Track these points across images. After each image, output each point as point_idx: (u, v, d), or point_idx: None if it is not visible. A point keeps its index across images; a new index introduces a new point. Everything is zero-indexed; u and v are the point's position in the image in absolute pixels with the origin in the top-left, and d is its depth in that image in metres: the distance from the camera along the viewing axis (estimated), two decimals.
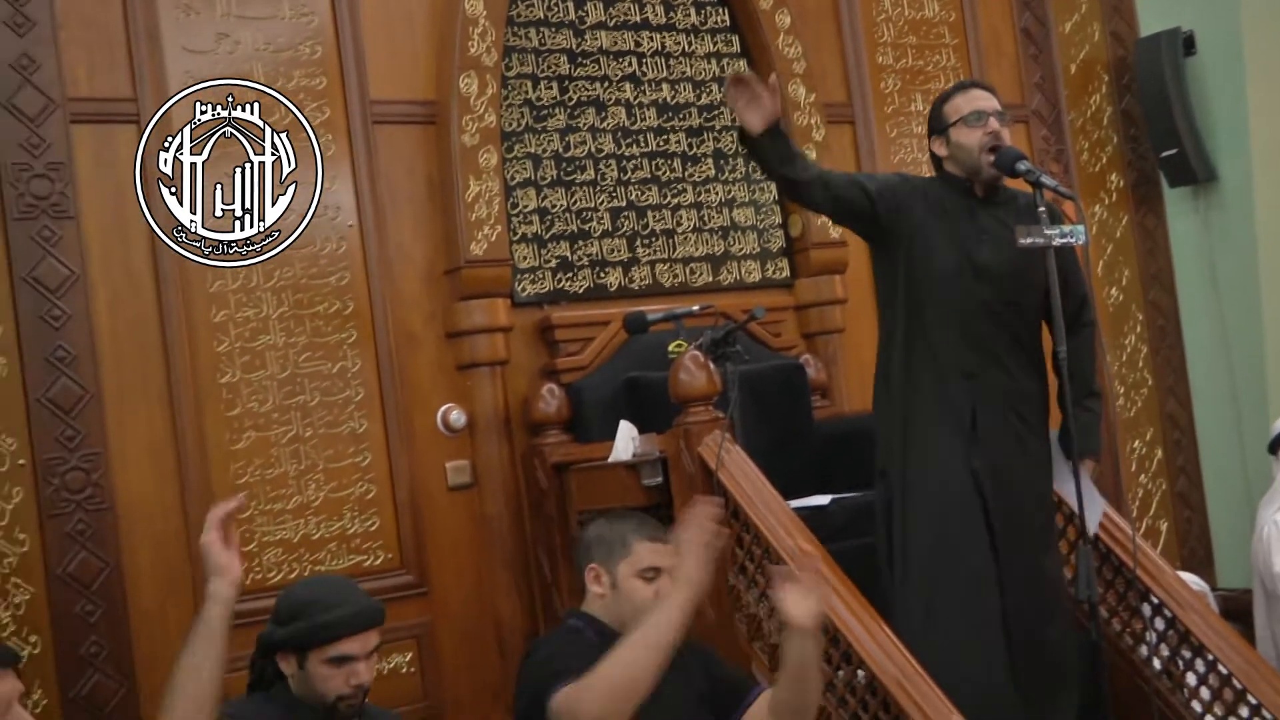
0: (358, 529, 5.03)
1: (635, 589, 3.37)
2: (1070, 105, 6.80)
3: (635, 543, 3.42)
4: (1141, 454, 6.77)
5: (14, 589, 4.46)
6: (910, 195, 4.11)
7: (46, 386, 4.54)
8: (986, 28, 6.64)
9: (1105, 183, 6.86)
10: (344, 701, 3.12)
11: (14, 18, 4.56)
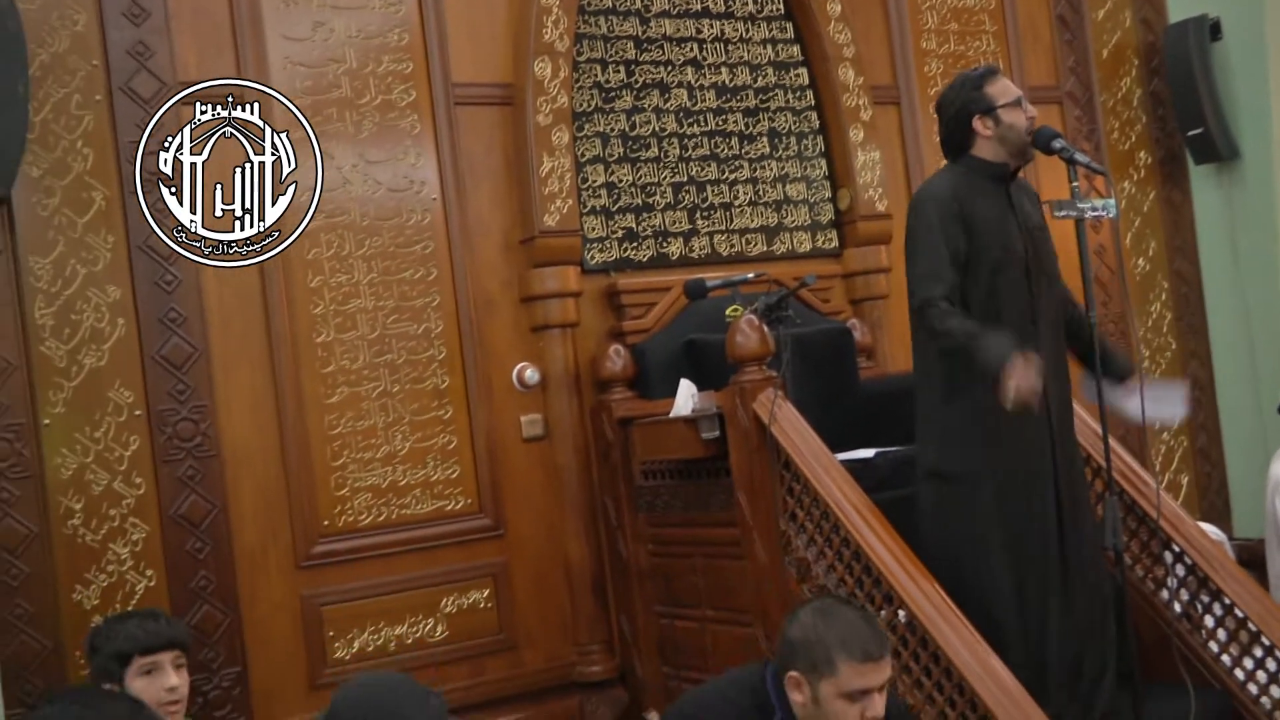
0: (440, 476, 5.07)
1: (839, 711, 2.97)
2: (1102, 88, 6.73)
3: (841, 664, 2.96)
4: None
5: (132, 528, 4.54)
6: (963, 205, 3.99)
7: (160, 345, 4.61)
8: (1024, 15, 6.58)
9: (1134, 160, 6.81)
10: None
11: (131, 8, 4.62)
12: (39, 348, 4.47)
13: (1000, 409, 3.76)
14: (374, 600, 4.82)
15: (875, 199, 5.88)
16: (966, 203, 3.99)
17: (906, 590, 3.80)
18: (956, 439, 4.03)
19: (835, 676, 2.96)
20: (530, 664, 5.05)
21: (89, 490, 4.51)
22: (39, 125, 4.47)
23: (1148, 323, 6.76)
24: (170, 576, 4.59)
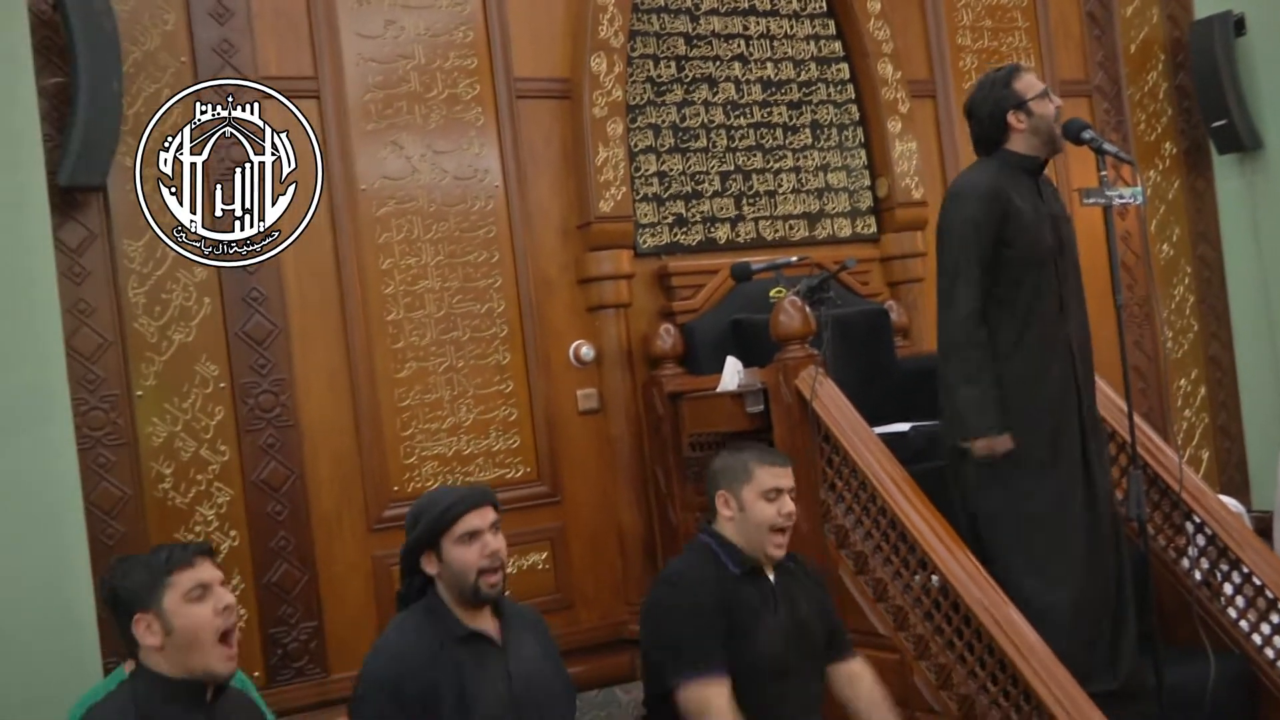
0: (501, 446, 5.11)
1: (759, 509, 3.35)
2: (1129, 81, 6.68)
3: (756, 469, 3.39)
4: (1187, 391, 6.71)
5: (217, 491, 4.60)
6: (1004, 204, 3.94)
7: (243, 322, 4.67)
8: (1055, 12, 6.53)
9: (1160, 150, 6.76)
10: (484, 577, 3.00)
11: (216, 8, 4.67)
12: (132, 324, 4.52)
13: (1027, 386, 3.87)
14: None
15: (912, 187, 5.88)
16: (1006, 198, 3.96)
17: (939, 556, 3.82)
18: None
19: (752, 480, 3.37)
20: (585, 622, 5.08)
21: (178, 456, 4.57)
22: (132, 118, 4.50)
23: (1171, 305, 6.72)
24: (252, 537, 4.65)
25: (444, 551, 3.01)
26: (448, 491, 3.18)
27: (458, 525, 3.00)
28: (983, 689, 3.69)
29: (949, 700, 3.78)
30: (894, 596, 3.99)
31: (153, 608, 2.58)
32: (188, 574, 2.61)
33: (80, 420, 4.28)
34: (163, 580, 2.60)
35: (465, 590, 3.01)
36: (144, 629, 2.58)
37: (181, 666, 2.59)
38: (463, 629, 3.01)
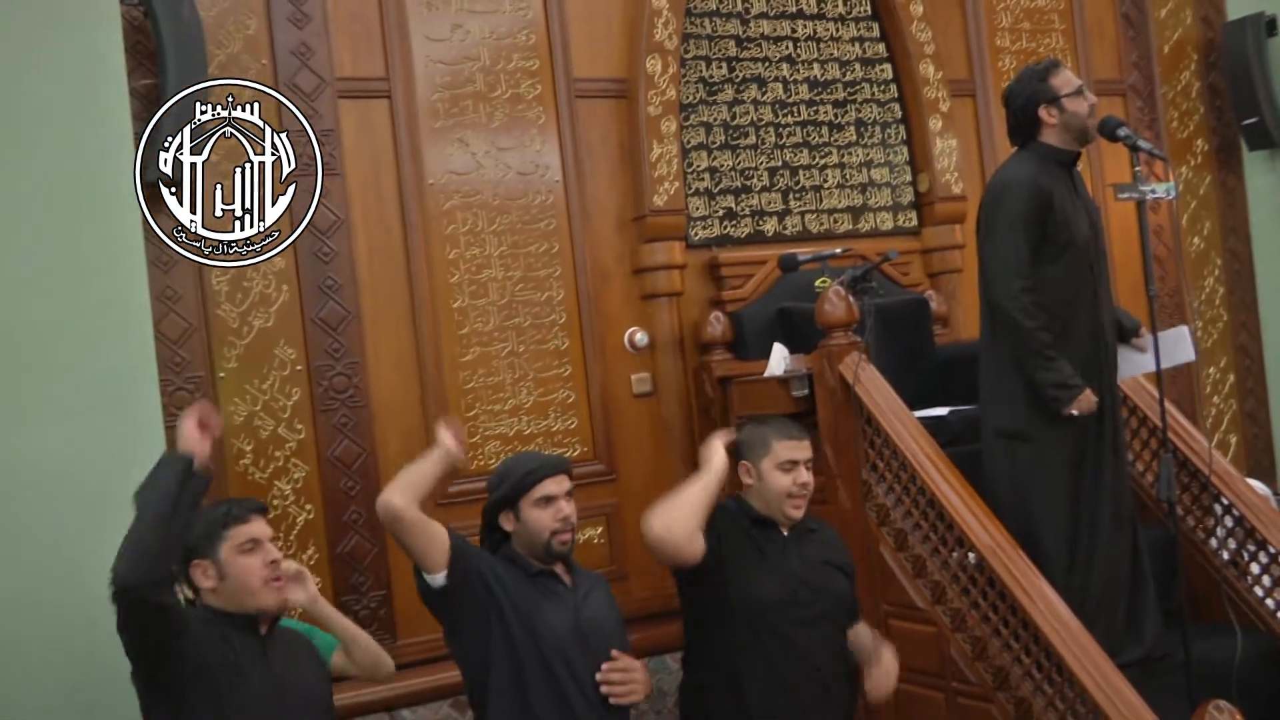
0: (560, 426, 5.13)
1: (775, 479, 3.41)
2: (1163, 80, 6.61)
3: (774, 442, 3.44)
4: (1216, 378, 6.65)
5: (293, 468, 4.65)
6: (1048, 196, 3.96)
7: (318, 308, 4.70)
8: (1091, 13, 6.47)
9: (1191, 147, 6.68)
10: (556, 537, 3.16)
11: (294, 14, 4.70)
12: (215, 311, 4.57)
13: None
14: None
15: (952, 182, 5.86)
16: (1048, 190, 3.97)
17: (976, 534, 3.83)
18: (1027, 401, 4.02)
19: (770, 453, 3.43)
20: (638, 593, 5.08)
21: (257, 435, 4.62)
22: None
23: (1201, 296, 6.66)
24: (326, 511, 4.69)
25: (521, 512, 3.18)
26: (530, 457, 3.35)
27: (536, 489, 3.16)
28: (1016, 660, 3.69)
29: (984, 671, 3.79)
30: (932, 572, 4.00)
31: (209, 556, 2.83)
32: (242, 529, 2.85)
33: (167, 400, 4.30)
34: (220, 533, 2.84)
35: (538, 548, 3.18)
36: (200, 574, 2.84)
37: (234, 605, 2.84)
38: (535, 567, 3.19)
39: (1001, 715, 3.71)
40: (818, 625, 3.40)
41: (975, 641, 3.81)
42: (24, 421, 3.79)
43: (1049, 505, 4.02)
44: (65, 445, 3.79)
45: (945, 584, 3.95)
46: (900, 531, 4.10)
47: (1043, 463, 4.03)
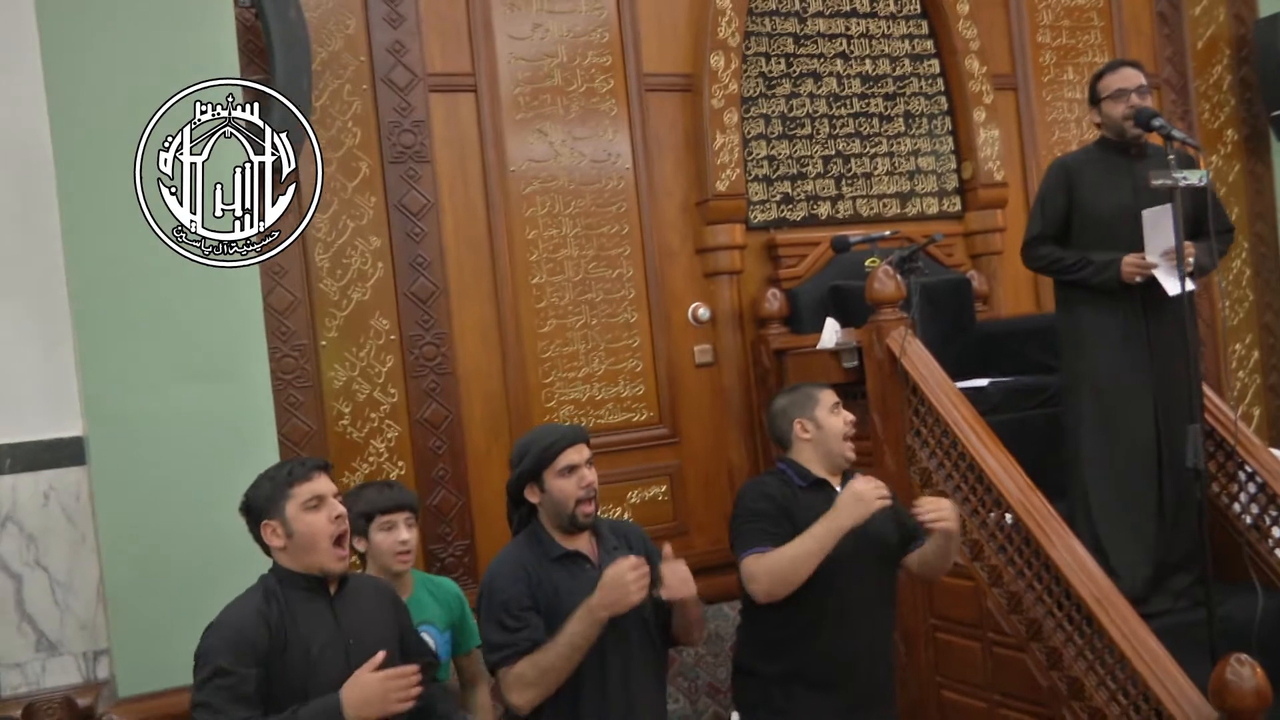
0: (628, 393, 5.17)
1: (833, 422, 3.35)
2: (1195, 75, 6.50)
3: (817, 393, 3.41)
4: (1241, 354, 6.56)
5: (387, 428, 4.71)
6: (1070, 175, 4.17)
7: (410, 283, 4.75)
8: (1128, 12, 6.38)
9: (1222, 137, 6.58)
10: (580, 507, 3.01)
11: (389, 15, 4.74)
12: (318, 285, 4.64)
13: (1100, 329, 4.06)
14: None
15: (994, 170, 5.82)
16: (1075, 171, 4.16)
17: (1013, 496, 3.83)
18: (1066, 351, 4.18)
19: (819, 403, 3.39)
20: (698, 546, 5.11)
21: (355, 398, 4.68)
22: (319, 109, 4.61)
23: (1229, 277, 6.55)
24: (416, 467, 4.74)
25: (545, 483, 3.04)
26: (549, 429, 3.16)
27: (559, 460, 3.02)
28: (1049, 613, 3.70)
29: (1018, 623, 3.79)
30: (971, 531, 3.99)
31: (276, 516, 2.73)
32: (306, 487, 2.74)
33: (275, 366, 4.38)
34: (285, 492, 2.73)
35: (563, 518, 3.04)
36: (270, 533, 2.75)
37: (302, 564, 2.74)
38: (559, 549, 3.05)
39: (1034, 664, 3.72)
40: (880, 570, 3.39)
41: (1010, 596, 3.81)
42: (153, 385, 3.86)
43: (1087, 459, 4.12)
44: (188, 405, 3.85)
45: (983, 542, 3.95)
46: (942, 493, 4.09)
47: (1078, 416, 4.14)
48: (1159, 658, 3.37)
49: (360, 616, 2.80)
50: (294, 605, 2.71)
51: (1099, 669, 3.53)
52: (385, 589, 3.04)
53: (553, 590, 2.97)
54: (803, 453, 3.40)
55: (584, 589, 2.91)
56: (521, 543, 3.08)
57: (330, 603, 2.78)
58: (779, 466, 3.45)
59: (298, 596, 2.72)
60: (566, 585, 2.98)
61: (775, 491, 3.32)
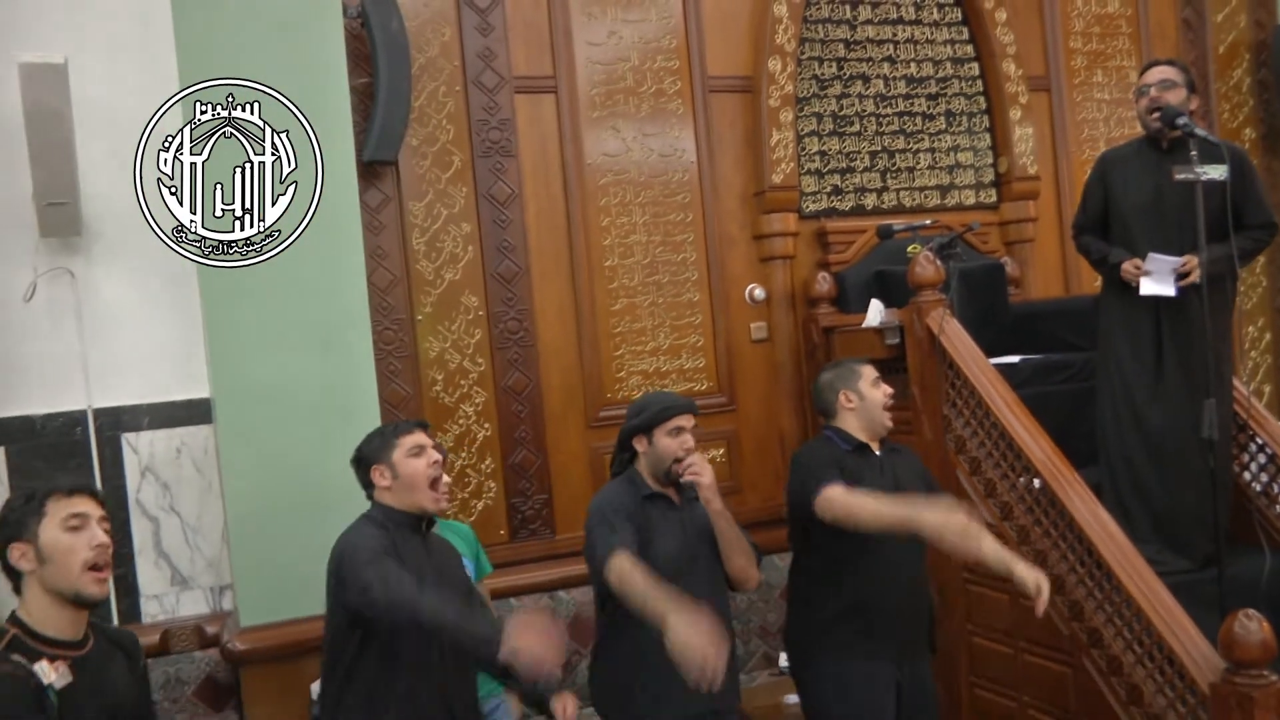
0: (690, 365, 5.18)
1: (874, 395, 3.39)
2: (1217, 77, 6.36)
3: (860, 368, 3.45)
4: (1254, 335, 6.44)
5: (475, 394, 4.77)
6: (1107, 169, 4.17)
7: (496, 265, 4.80)
8: (1154, 19, 6.25)
9: (1240, 135, 6.43)
10: (677, 465, 3.10)
11: (480, 24, 4.78)
12: (415, 266, 4.69)
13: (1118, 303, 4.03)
14: None
15: (1027, 165, 5.74)
16: (1111, 165, 4.17)
17: (1040, 462, 3.80)
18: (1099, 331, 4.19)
19: (862, 376, 3.43)
20: (751, 503, 5.13)
21: (447, 366, 4.74)
22: (417, 109, 4.66)
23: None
24: (500, 429, 4.81)
25: (654, 438, 3.16)
26: (667, 395, 3.31)
27: (672, 421, 3.15)
28: (1071, 570, 3.67)
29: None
30: (1001, 494, 3.98)
31: (384, 462, 2.87)
32: (409, 438, 2.89)
33: (376, 338, 4.44)
34: (391, 443, 2.89)
35: (660, 470, 3.16)
36: (378, 476, 2.88)
37: (404, 503, 2.87)
38: (649, 489, 3.17)
39: (1057, 614, 3.70)
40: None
41: (1037, 553, 3.79)
42: (269, 354, 3.93)
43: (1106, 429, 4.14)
44: (299, 371, 3.93)
45: (1013, 504, 3.93)
46: (975, 459, 4.09)
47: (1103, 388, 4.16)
48: (1173, 612, 3.34)
49: (439, 555, 2.93)
50: (399, 536, 2.81)
51: (1117, 621, 3.51)
52: (449, 545, 3.10)
53: (644, 520, 3.08)
54: (847, 421, 3.43)
55: (668, 523, 3.11)
56: (622, 481, 3.21)
57: (423, 539, 2.90)
58: (825, 433, 3.48)
59: (401, 530, 2.83)
60: (654, 519, 3.11)
61: (825, 452, 3.38)
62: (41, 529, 2.24)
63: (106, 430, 4.28)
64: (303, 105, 3.99)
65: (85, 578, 2.24)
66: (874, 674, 3.28)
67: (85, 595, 2.25)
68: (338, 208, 4.07)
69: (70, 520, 2.26)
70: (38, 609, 2.25)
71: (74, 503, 2.28)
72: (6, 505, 2.30)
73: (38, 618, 2.25)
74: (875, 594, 3.28)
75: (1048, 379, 4.44)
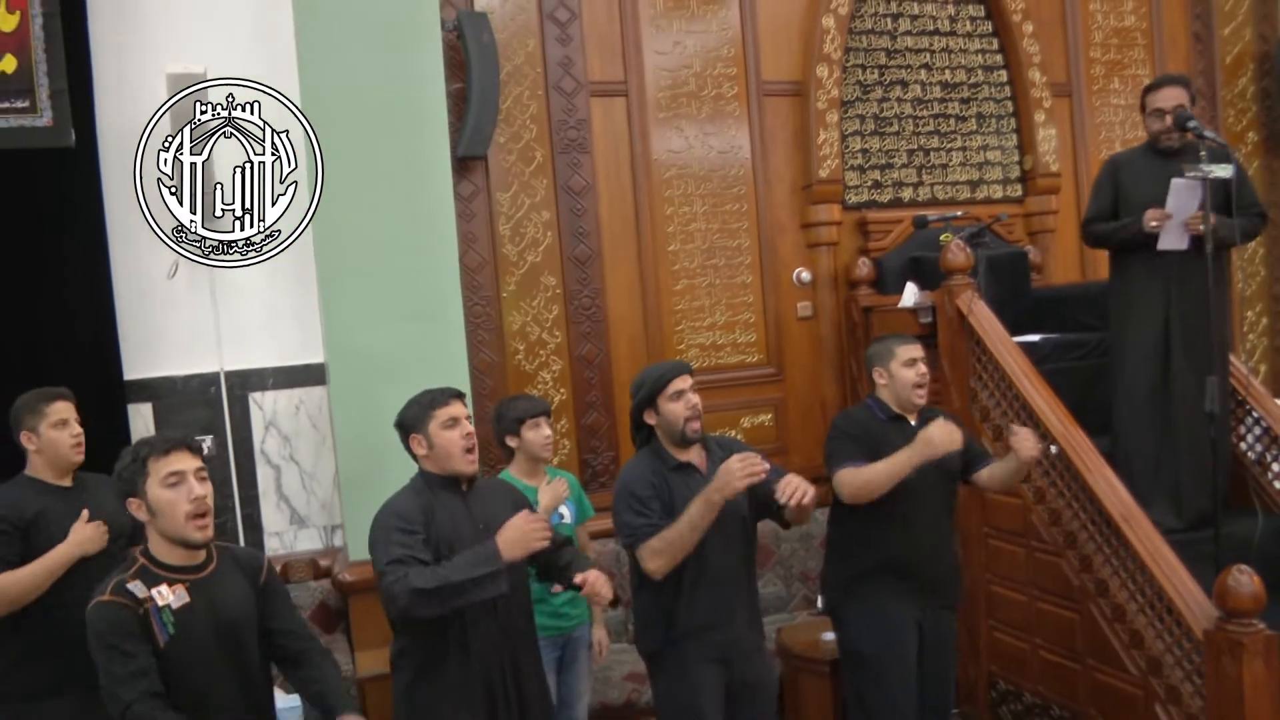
0: (743, 339, 5.18)
1: (903, 374, 3.31)
2: (1223, 85, 6.20)
3: (896, 348, 3.35)
4: (1253, 320, 6.29)
5: (553, 362, 4.81)
6: (1117, 170, 4.08)
7: (572, 249, 4.83)
8: (1167, 32, 6.10)
9: (1244, 138, 6.27)
10: (689, 424, 2.97)
11: (560, 35, 4.80)
12: (501, 249, 4.74)
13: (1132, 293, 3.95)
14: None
15: (1050, 163, 5.65)
16: (1120, 167, 4.08)
17: (1057, 430, 3.77)
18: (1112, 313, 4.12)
19: (895, 356, 3.34)
20: (795, 464, 5.06)
21: (528, 337, 4.79)
22: (504, 111, 4.69)
23: (1244, 254, 6.28)
24: (574, 394, 4.85)
25: (660, 407, 3.00)
26: (659, 364, 3.14)
27: (669, 386, 2.99)
28: (1083, 527, 3.65)
29: (1057, 534, 3.75)
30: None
31: (421, 432, 2.78)
32: (444, 410, 2.79)
33: (467, 312, 4.49)
34: (428, 414, 2.78)
35: (675, 434, 3.00)
36: (416, 445, 2.80)
37: (441, 469, 2.78)
38: (674, 461, 3.02)
39: (1069, 567, 3.68)
40: (946, 490, 3.39)
41: (1052, 512, 3.77)
42: (373, 326, 4.00)
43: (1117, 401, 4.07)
44: (399, 343, 3.98)
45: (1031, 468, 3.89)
46: (998, 426, 4.05)
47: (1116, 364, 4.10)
48: (1173, 566, 3.31)
49: (487, 507, 2.82)
50: (438, 500, 2.76)
51: (1122, 573, 3.49)
52: (509, 490, 3.03)
53: (670, 492, 2.97)
54: (882, 393, 3.41)
55: (695, 491, 2.90)
56: (646, 455, 3.06)
57: (464, 498, 2.81)
58: (867, 401, 3.47)
59: (440, 494, 2.77)
60: (681, 489, 2.98)
61: (862, 420, 3.35)
62: (148, 487, 2.29)
63: (236, 390, 4.38)
64: (405, 108, 4.07)
65: (189, 526, 2.29)
66: (900, 616, 3.29)
67: (191, 540, 2.31)
68: (435, 198, 4.13)
69: (169, 478, 2.28)
70: (158, 546, 2.33)
71: (170, 460, 2.29)
72: (120, 464, 2.35)
73: (160, 551, 2.33)
74: (904, 552, 3.29)
75: (1065, 356, 4.39)
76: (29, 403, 3.01)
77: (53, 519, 2.92)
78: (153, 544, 2.34)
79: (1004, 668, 4.06)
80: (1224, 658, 3.02)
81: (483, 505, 2.83)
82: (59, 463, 3.01)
